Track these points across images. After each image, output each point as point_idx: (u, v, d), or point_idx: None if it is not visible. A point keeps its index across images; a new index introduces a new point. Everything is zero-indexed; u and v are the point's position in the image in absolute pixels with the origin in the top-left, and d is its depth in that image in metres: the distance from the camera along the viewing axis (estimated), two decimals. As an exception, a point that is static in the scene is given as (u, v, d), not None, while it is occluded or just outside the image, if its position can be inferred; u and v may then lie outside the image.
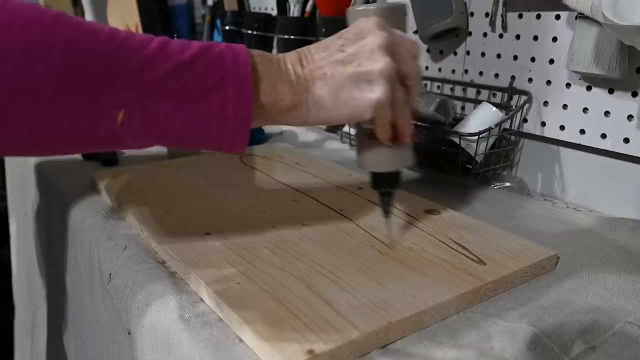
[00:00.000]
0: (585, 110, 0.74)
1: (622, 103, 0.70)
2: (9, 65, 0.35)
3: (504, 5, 0.82)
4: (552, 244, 0.61)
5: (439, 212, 0.66)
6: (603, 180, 0.74)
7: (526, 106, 0.81)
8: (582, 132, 0.75)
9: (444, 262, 0.53)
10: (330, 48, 0.45)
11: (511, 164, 0.85)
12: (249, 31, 1.24)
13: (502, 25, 0.83)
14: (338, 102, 0.44)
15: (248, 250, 0.55)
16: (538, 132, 0.81)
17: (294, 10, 1.13)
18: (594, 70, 0.68)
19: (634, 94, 0.69)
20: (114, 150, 0.92)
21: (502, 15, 0.82)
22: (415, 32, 0.97)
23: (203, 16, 1.60)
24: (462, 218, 0.65)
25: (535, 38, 0.79)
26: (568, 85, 0.76)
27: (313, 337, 0.40)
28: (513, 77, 0.83)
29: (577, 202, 0.77)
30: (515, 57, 0.82)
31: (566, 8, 0.70)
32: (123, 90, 0.39)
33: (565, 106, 0.77)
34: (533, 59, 0.80)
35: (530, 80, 0.81)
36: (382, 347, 0.43)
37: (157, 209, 0.65)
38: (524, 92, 0.81)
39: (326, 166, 0.84)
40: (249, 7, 1.40)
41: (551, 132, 0.79)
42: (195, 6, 1.69)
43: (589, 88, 0.73)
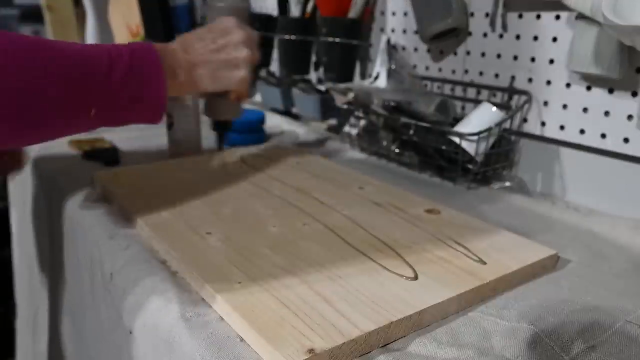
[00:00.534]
0: (585, 110, 0.74)
1: (622, 103, 0.70)
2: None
3: (504, 5, 0.82)
4: (552, 244, 0.62)
5: (439, 212, 0.66)
6: (603, 180, 0.74)
7: (526, 106, 0.81)
8: (582, 132, 0.75)
9: (444, 262, 0.53)
10: (205, 40, 0.64)
11: (511, 163, 0.85)
12: (250, 31, 1.23)
13: (502, 25, 0.83)
14: (215, 78, 0.65)
15: (249, 250, 0.55)
16: (538, 132, 0.81)
17: (294, 11, 1.13)
18: (594, 70, 0.68)
19: (634, 94, 0.69)
20: (115, 151, 0.92)
21: (502, 15, 0.82)
22: (415, 32, 0.97)
23: (203, 16, 1.60)
24: (462, 218, 0.65)
25: (535, 38, 0.79)
26: (568, 85, 0.76)
27: (313, 336, 0.40)
28: (513, 77, 0.83)
29: (577, 202, 0.77)
30: (515, 57, 0.82)
31: (566, 8, 0.70)
32: (95, 94, 0.54)
33: (565, 106, 0.77)
34: (533, 59, 0.80)
35: (530, 80, 0.81)
36: (382, 346, 0.43)
37: (158, 208, 0.65)
38: (524, 92, 0.81)
39: (326, 166, 0.84)
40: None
41: (551, 132, 0.79)
42: (196, 6, 1.69)
43: (589, 88, 0.74)
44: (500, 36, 0.84)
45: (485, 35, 0.86)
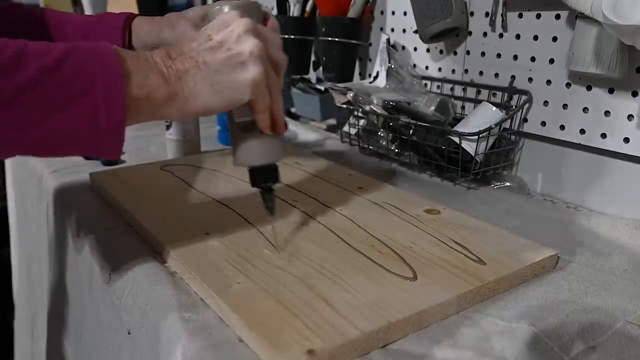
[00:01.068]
0: (585, 110, 0.74)
1: (622, 103, 0.70)
2: None
3: (504, 5, 0.82)
4: (552, 244, 0.61)
5: (439, 212, 0.66)
6: (603, 180, 0.74)
7: (526, 106, 0.81)
8: (582, 131, 0.75)
9: (444, 262, 0.53)
10: (198, 40, 0.46)
11: (511, 163, 0.85)
12: (249, 31, 1.23)
13: (502, 25, 0.83)
14: (215, 87, 0.45)
15: (248, 250, 0.55)
16: (538, 132, 0.81)
17: (294, 10, 1.13)
18: (594, 70, 0.68)
19: (634, 94, 0.69)
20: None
21: (502, 15, 0.82)
22: (415, 32, 0.97)
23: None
24: (462, 218, 0.65)
25: (535, 38, 0.79)
26: (568, 85, 0.76)
27: (313, 337, 0.40)
28: (513, 76, 0.83)
29: (577, 202, 0.77)
30: (515, 57, 0.82)
31: (566, 8, 0.70)
32: None
33: (565, 106, 0.77)
34: (533, 59, 0.80)
35: (530, 80, 0.81)
36: (382, 346, 0.43)
37: (157, 208, 0.65)
38: (524, 92, 0.81)
39: (326, 166, 0.84)
40: (249, 7, 1.40)
41: (551, 131, 0.79)
42: (195, 6, 1.69)
43: (589, 88, 0.73)
44: (500, 36, 0.84)
45: (485, 35, 0.86)
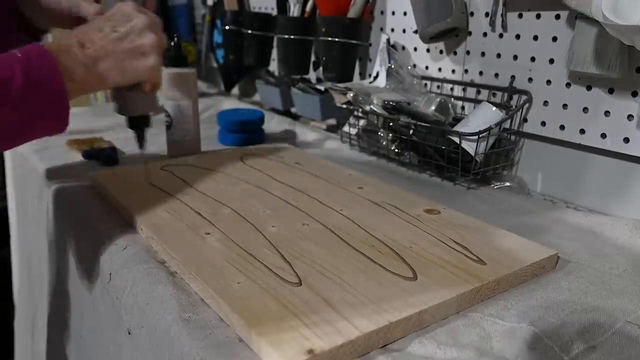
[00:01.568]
0: (585, 110, 0.74)
1: (622, 103, 0.70)
2: None
3: (504, 5, 0.82)
4: (552, 244, 0.61)
5: (439, 212, 0.66)
6: (603, 180, 0.74)
7: (526, 106, 0.81)
8: (582, 131, 0.75)
9: (444, 262, 0.53)
10: (104, 30, 0.57)
11: (511, 163, 0.85)
12: (249, 31, 1.24)
13: (502, 25, 0.83)
14: (123, 70, 0.58)
15: (248, 250, 0.55)
16: (538, 132, 0.81)
17: (294, 10, 1.13)
18: (594, 70, 0.68)
19: (634, 94, 0.69)
20: (114, 151, 0.92)
21: (502, 15, 0.82)
22: (415, 32, 0.97)
23: (203, 16, 1.60)
24: (462, 218, 0.65)
25: (535, 38, 0.79)
26: (568, 85, 0.76)
27: (313, 337, 0.40)
28: (513, 76, 0.83)
29: (577, 202, 0.77)
30: (515, 57, 0.82)
31: (566, 8, 0.70)
32: None
33: (565, 106, 0.77)
34: (533, 59, 0.80)
35: (530, 80, 0.81)
36: (382, 346, 0.43)
37: (157, 208, 0.65)
38: (524, 92, 0.81)
39: (326, 166, 0.84)
40: (249, 7, 1.40)
41: (551, 131, 0.79)
42: (195, 6, 1.69)
43: (589, 88, 0.73)
44: (500, 36, 0.84)
45: (485, 35, 0.86)
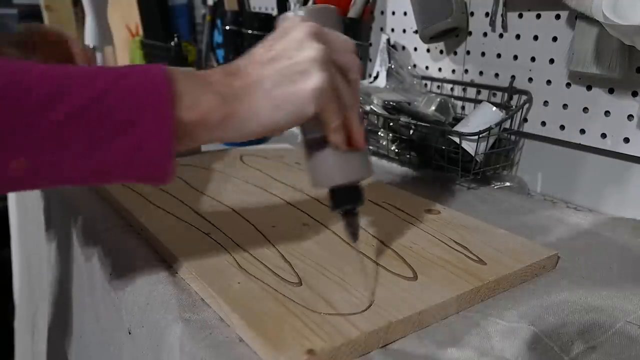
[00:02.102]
0: (585, 110, 0.74)
1: (622, 103, 0.70)
2: None
3: (504, 5, 0.82)
4: (552, 244, 0.61)
5: (439, 212, 0.66)
6: (603, 180, 0.74)
7: (526, 106, 0.81)
8: (582, 132, 0.75)
9: (444, 262, 0.53)
10: (258, 52, 0.43)
11: (511, 163, 0.85)
12: (249, 31, 1.23)
13: (502, 25, 0.83)
14: (275, 102, 0.40)
15: (248, 250, 0.55)
16: (538, 132, 0.81)
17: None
18: (594, 70, 0.68)
19: (634, 94, 0.69)
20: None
21: (502, 15, 0.82)
22: (415, 32, 0.97)
23: (203, 16, 1.60)
24: (462, 218, 0.65)
25: (535, 38, 0.79)
26: (568, 85, 0.76)
27: (313, 337, 0.40)
28: (513, 76, 0.83)
29: (577, 202, 0.77)
30: (515, 57, 0.82)
31: (566, 8, 0.70)
32: (19, 137, 0.34)
33: (565, 106, 0.77)
34: (533, 59, 0.80)
35: (530, 80, 0.81)
36: (382, 346, 0.43)
37: (157, 208, 0.65)
38: (524, 92, 0.81)
39: (326, 166, 0.84)
40: (249, 7, 1.40)
41: (551, 131, 0.79)
42: (195, 6, 1.69)
43: (589, 88, 0.73)
44: (500, 36, 0.84)
45: (485, 35, 0.86)
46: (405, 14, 1.00)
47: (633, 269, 0.57)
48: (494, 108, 0.79)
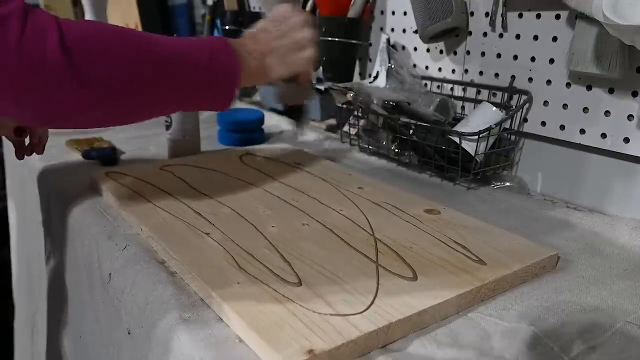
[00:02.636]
0: (585, 110, 0.74)
1: (622, 103, 0.70)
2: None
3: (504, 5, 0.82)
4: (552, 244, 0.61)
5: (439, 212, 0.66)
6: (603, 180, 0.74)
7: (526, 106, 0.81)
8: (582, 131, 0.75)
9: (444, 262, 0.53)
10: (269, 30, 0.65)
11: (511, 163, 0.85)
12: (249, 31, 1.23)
13: (502, 25, 0.83)
14: (285, 64, 0.65)
15: (248, 250, 0.55)
16: (538, 132, 0.81)
17: (293, 10, 1.13)
18: (594, 70, 0.68)
19: (634, 94, 0.69)
20: (113, 151, 0.92)
21: (502, 14, 0.82)
22: (415, 32, 0.97)
23: (203, 16, 1.60)
24: (462, 218, 0.65)
25: (535, 38, 0.79)
26: (568, 85, 0.76)
27: (313, 337, 0.40)
28: (513, 76, 0.83)
29: (577, 202, 0.77)
30: (515, 57, 0.82)
31: (566, 8, 0.70)
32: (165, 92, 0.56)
33: (565, 106, 0.77)
34: (533, 59, 0.80)
35: (530, 80, 0.81)
36: (382, 346, 0.43)
37: (156, 208, 0.65)
38: (524, 92, 0.81)
39: (326, 166, 0.84)
40: (249, 7, 1.40)
41: (551, 131, 0.79)
42: (195, 6, 1.69)
43: (589, 88, 0.73)
44: (500, 36, 0.84)
45: (485, 34, 0.86)
46: (405, 13, 1.00)
47: (633, 269, 0.57)
48: (494, 108, 0.79)
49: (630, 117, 0.69)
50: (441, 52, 0.94)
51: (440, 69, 0.95)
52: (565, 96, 0.76)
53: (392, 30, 1.03)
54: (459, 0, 0.85)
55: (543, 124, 0.80)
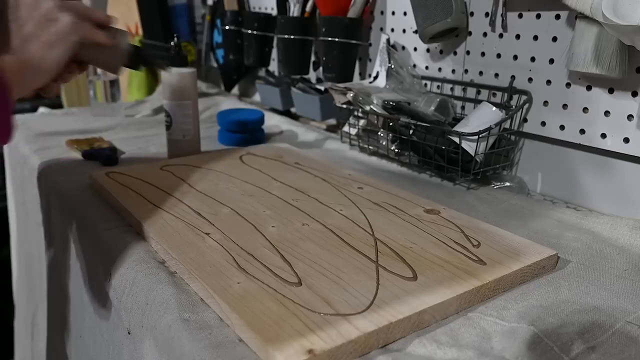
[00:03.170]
0: (585, 110, 0.74)
1: (622, 103, 0.70)
2: None
3: (504, 5, 0.82)
4: (552, 244, 0.61)
5: (439, 212, 0.66)
6: (603, 180, 0.74)
7: (526, 106, 0.81)
8: (582, 132, 0.75)
9: (444, 262, 0.53)
10: (17, 21, 0.56)
11: (511, 163, 0.85)
12: (249, 31, 1.24)
13: (502, 25, 0.83)
14: (48, 43, 0.56)
15: (248, 250, 0.55)
16: (538, 132, 0.81)
17: (294, 10, 1.13)
18: (594, 70, 0.68)
19: (634, 94, 0.69)
20: (114, 151, 0.92)
21: (502, 15, 0.82)
22: (415, 32, 0.97)
23: (203, 16, 1.60)
24: (462, 218, 0.65)
25: (535, 38, 0.79)
26: (568, 85, 0.76)
27: (313, 337, 0.40)
28: (513, 76, 0.83)
29: (577, 202, 0.77)
30: (515, 57, 0.82)
31: (566, 8, 0.70)
32: None
33: (565, 106, 0.77)
34: (533, 59, 0.80)
35: (530, 80, 0.81)
36: (382, 346, 0.43)
37: (156, 208, 0.65)
38: (524, 92, 0.81)
39: (326, 166, 0.84)
40: (249, 7, 1.40)
41: (551, 131, 0.79)
42: (195, 6, 1.69)
43: (589, 88, 0.73)
44: (500, 36, 0.84)
45: (485, 35, 0.86)
46: (405, 14, 1.00)
47: (633, 269, 0.57)
48: (494, 108, 0.79)
49: (630, 117, 0.69)
50: (441, 52, 0.95)
51: (440, 69, 0.96)
52: (565, 96, 0.76)
53: (392, 30, 1.03)
54: (458, 0, 0.85)
55: (543, 124, 0.80)
